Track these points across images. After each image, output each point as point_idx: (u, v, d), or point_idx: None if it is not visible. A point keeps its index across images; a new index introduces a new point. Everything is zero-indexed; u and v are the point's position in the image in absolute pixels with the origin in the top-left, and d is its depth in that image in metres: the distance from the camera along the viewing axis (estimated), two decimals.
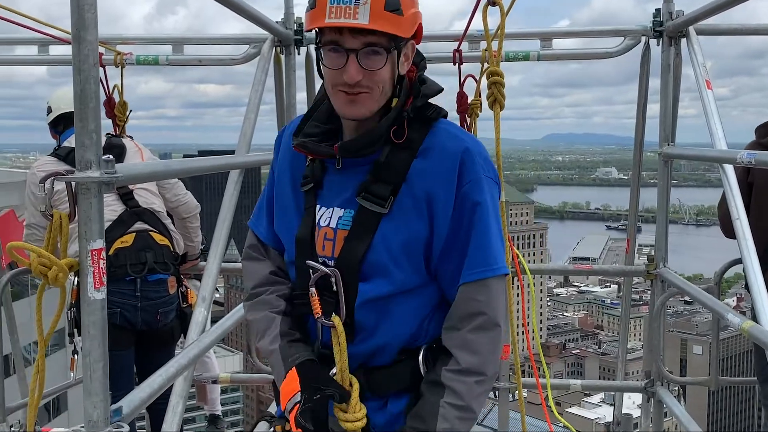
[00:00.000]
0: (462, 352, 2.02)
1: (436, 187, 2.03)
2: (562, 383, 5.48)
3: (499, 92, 3.18)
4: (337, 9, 1.92)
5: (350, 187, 2.08)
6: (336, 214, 2.09)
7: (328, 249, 2.09)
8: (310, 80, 5.40)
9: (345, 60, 1.95)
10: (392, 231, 2.03)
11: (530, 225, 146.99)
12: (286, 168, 2.22)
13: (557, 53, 4.96)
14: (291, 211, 2.19)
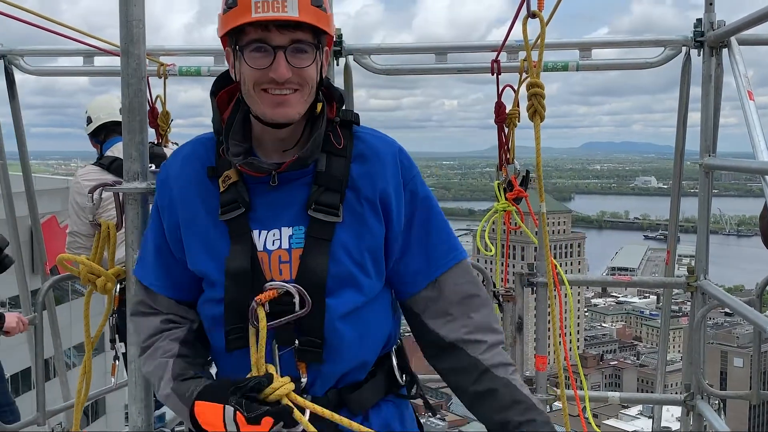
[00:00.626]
0: (482, 334, 2.01)
1: (385, 188, 1.98)
2: (600, 395, 5.44)
3: (539, 104, 3.18)
4: (264, 4, 1.81)
5: (294, 203, 1.95)
6: (284, 234, 1.94)
7: (286, 272, 1.92)
8: (349, 89, 5.45)
9: (272, 58, 1.84)
10: (351, 238, 1.94)
11: (568, 234, 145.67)
12: (191, 200, 1.99)
13: (596, 63, 4.94)
14: (216, 243, 1.95)
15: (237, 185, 1.94)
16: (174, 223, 2.00)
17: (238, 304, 1.90)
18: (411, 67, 5.38)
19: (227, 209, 1.93)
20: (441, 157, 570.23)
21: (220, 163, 1.97)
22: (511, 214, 4.57)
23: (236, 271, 1.91)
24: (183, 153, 2.05)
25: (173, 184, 2.00)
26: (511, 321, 4.59)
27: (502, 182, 4.55)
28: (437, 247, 2.04)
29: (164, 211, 2.02)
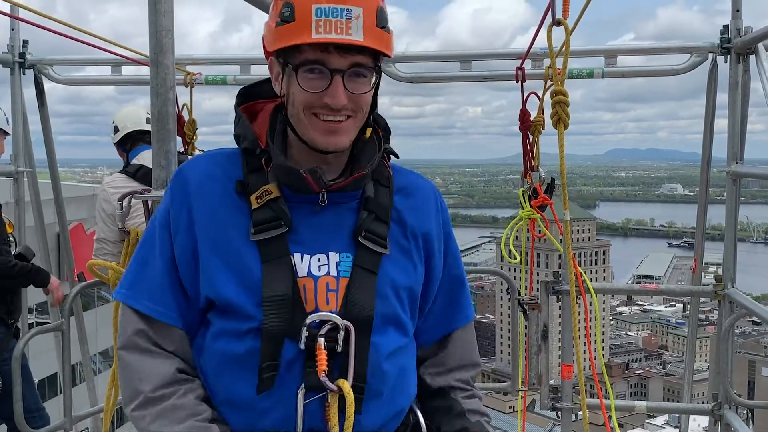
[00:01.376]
0: (468, 384, 2.00)
1: (429, 226, 1.89)
2: (626, 404, 5.41)
3: (563, 111, 3.18)
4: (326, 23, 1.63)
5: (342, 228, 1.77)
6: (332, 259, 1.75)
7: (333, 301, 1.72)
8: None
9: (328, 81, 1.66)
10: (398, 273, 1.80)
11: (592, 242, 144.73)
12: (218, 216, 1.74)
13: (622, 70, 4.93)
14: (246, 266, 1.71)
15: (278, 202, 1.73)
16: (189, 242, 1.74)
17: (276, 336, 1.67)
18: (435, 74, 5.40)
19: (263, 227, 1.71)
20: (464, 164, 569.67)
21: (250, 179, 1.76)
22: (536, 221, 4.55)
23: (277, 297, 1.68)
24: (202, 165, 1.82)
25: (193, 199, 1.75)
26: (536, 329, 4.58)
27: (527, 190, 4.54)
28: (460, 302, 1.98)
29: (178, 228, 1.75)
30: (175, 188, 1.79)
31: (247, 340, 1.68)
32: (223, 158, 1.82)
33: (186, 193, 1.76)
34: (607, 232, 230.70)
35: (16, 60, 5.63)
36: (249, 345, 1.68)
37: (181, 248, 1.74)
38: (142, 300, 1.75)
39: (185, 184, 1.77)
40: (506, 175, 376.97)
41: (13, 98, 5.73)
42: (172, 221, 1.75)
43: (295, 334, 1.67)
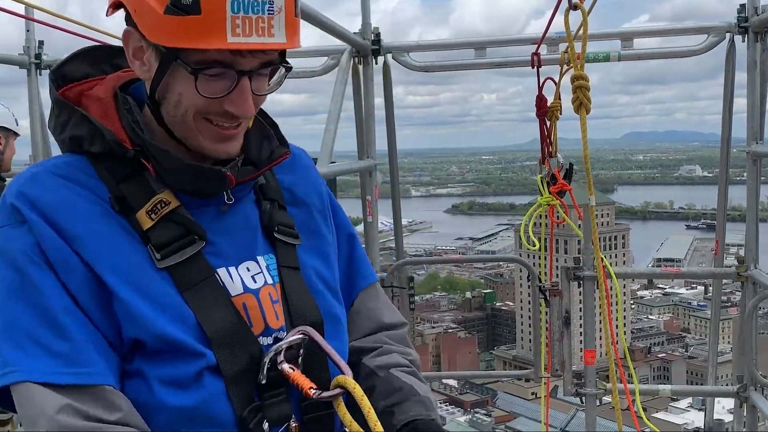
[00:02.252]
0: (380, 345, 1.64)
1: (321, 195, 1.65)
2: (651, 388, 5.40)
3: (584, 96, 3.16)
4: (244, 21, 1.26)
5: (252, 225, 1.48)
6: (262, 264, 1.46)
7: (280, 315, 1.44)
8: (388, 89, 5.47)
9: (233, 85, 1.32)
10: (317, 262, 1.55)
11: (611, 226, 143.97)
12: (109, 239, 1.33)
13: (639, 53, 4.91)
14: (168, 296, 1.33)
15: (177, 212, 1.37)
16: (86, 276, 1.30)
17: (243, 375, 1.35)
18: (450, 63, 5.39)
19: (171, 249, 1.34)
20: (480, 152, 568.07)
21: (126, 191, 1.36)
22: (555, 207, 4.54)
23: (226, 330, 1.34)
24: (50, 182, 1.35)
25: (65, 224, 1.31)
26: (558, 315, 4.57)
27: (545, 176, 4.53)
28: (363, 261, 1.72)
29: (65, 262, 1.29)
30: (30, 217, 1.30)
31: (204, 386, 1.32)
32: (70, 170, 1.37)
33: (50, 219, 1.30)
34: (625, 216, 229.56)
35: (32, 61, 5.68)
36: (210, 391, 1.32)
37: (77, 285, 1.29)
38: (51, 367, 1.25)
39: (43, 208, 1.31)
40: (523, 162, 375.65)
41: (31, 99, 5.78)
42: (52, 256, 1.29)
43: (254, 367, 1.36)
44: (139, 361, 1.32)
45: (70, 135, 1.40)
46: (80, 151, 1.40)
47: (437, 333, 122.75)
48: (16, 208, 1.31)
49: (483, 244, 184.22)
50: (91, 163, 1.39)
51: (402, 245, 6.21)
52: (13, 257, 1.30)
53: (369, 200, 5.45)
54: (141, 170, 1.38)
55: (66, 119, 1.42)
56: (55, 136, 1.45)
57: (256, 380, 1.36)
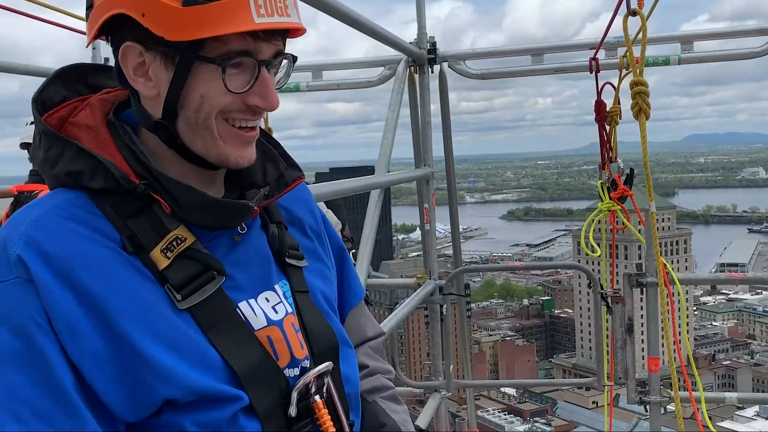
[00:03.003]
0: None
1: (314, 213, 1.58)
2: (716, 396, 5.28)
3: (644, 102, 3.13)
4: (266, 1, 1.22)
5: (263, 252, 1.39)
6: (279, 293, 1.38)
7: (303, 344, 1.37)
8: (444, 98, 5.48)
9: (254, 77, 1.26)
10: (321, 283, 1.48)
11: (672, 231, 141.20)
12: (127, 287, 1.20)
13: (699, 56, 4.82)
14: (194, 342, 1.23)
15: (193, 248, 1.27)
16: (107, 338, 1.17)
17: (274, 411, 1.29)
18: (506, 70, 5.38)
19: (191, 288, 1.25)
20: (536, 157, 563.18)
21: (136, 229, 1.25)
22: (616, 213, 4.49)
23: (255, 366, 1.27)
24: (58, 226, 1.21)
25: (80, 275, 1.17)
26: (621, 323, 4.51)
27: (606, 181, 4.49)
28: (348, 277, 1.65)
29: (75, 326, 1.16)
30: (38, 272, 1.15)
31: (240, 427, 1.24)
32: (75, 210, 1.24)
33: (62, 272, 1.17)
34: (687, 221, 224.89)
35: None
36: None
37: (82, 352, 1.15)
38: None
39: (52, 261, 1.17)
40: (580, 166, 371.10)
41: None
42: (57, 320, 1.15)
43: (285, 402, 1.30)
44: (171, 415, 1.21)
45: (65, 170, 1.26)
46: (76, 186, 1.26)
47: (494, 341, 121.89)
48: (23, 262, 1.16)
49: (540, 251, 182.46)
50: (92, 199, 1.25)
51: (460, 252, 6.20)
52: (15, 321, 1.15)
53: (426, 208, 5.47)
54: (149, 205, 1.26)
55: (58, 153, 1.27)
56: (44, 169, 1.30)
57: (285, 414, 1.29)
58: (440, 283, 5.38)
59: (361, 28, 3.93)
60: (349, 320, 1.62)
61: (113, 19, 1.24)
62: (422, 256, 5.76)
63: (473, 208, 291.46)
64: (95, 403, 1.17)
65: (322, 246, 1.55)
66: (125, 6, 1.22)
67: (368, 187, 4.29)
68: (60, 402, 1.13)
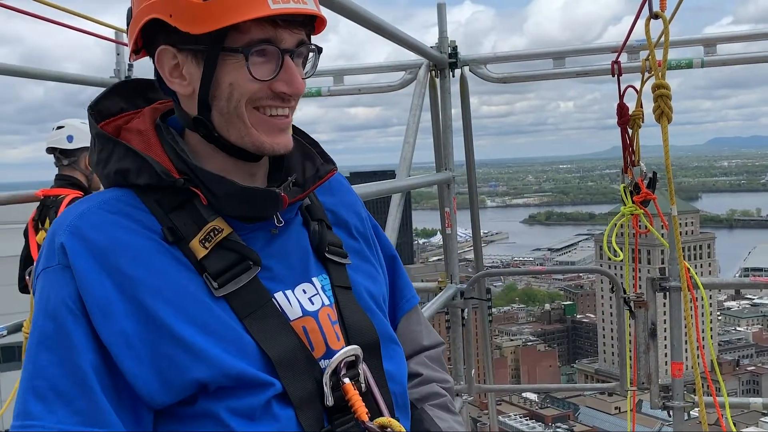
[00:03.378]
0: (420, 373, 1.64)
1: (362, 216, 1.62)
2: (741, 402, 5.22)
3: (666, 105, 3.11)
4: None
5: (303, 246, 1.44)
6: (317, 286, 1.41)
7: (340, 336, 1.39)
8: (465, 102, 5.48)
9: (279, 65, 1.32)
10: (367, 281, 1.51)
11: (696, 235, 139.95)
12: (165, 274, 1.28)
13: (723, 59, 4.79)
14: (230, 328, 1.28)
15: (231, 239, 1.33)
16: (141, 321, 1.24)
17: (310, 400, 1.31)
18: (528, 73, 5.37)
19: (228, 277, 1.30)
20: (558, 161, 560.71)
21: (176, 221, 1.33)
22: (639, 217, 4.47)
23: (289, 353, 1.31)
24: (101, 218, 1.31)
25: (119, 262, 1.26)
26: (644, 327, 4.49)
27: (628, 185, 4.47)
28: (401, 284, 1.68)
29: (108, 309, 1.24)
30: (77, 257, 1.25)
31: (274, 414, 1.27)
32: (119, 204, 1.33)
33: (100, 258, 1.25)
34: (710, 225, 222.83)
35: None
36: (281, 419, 1.28)
37: (114, 334, 1.23)
38: (69, 425, 1.20)
39: (93, 248, 1.26)
40: (602, 170, 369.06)
41: None
42: (90, 304, 1.23)
43: (319, 391, 1.32)
44: (204, 401, 1.26)
45: (114, 169, 1.36)
46: (125, 184, 1.36)
47: (516, 345, 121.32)
48: (64, 250, 1.26)
49: (562, 255, 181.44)
50: (139, 195, 1.34)
51: (481, 257, 6.19)
52: (51, 306, 1.25)
53: (447, 212, 5.47)
54: (190, 199, 1.34)
55: (108, 153, 1.37)
56: (98, 171, 1.40)
57: (323, 404, 1.31)
58: (461, 287, 5.37)
59: (383, 32, 3.94)
60: (401, 326, 1.64)
61: (148, 27, 1.34)
62: (443, 260, 5.76)
63: (494, 212, 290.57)
64: (120, 387, 1.23)
65: (369, 248, 1.58)
66: (155, 10, 1.31)
67: (389, 191, 4.30)
68: (77, 383, 1.20)
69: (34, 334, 1.25)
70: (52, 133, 4.77)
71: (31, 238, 4.61)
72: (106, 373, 1.23)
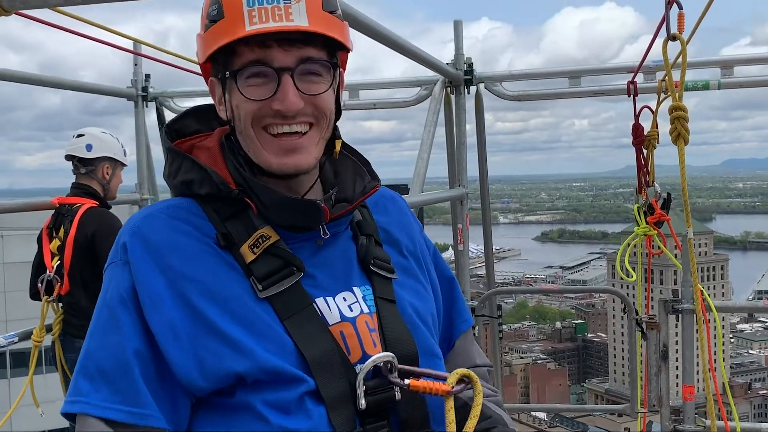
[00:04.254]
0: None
1: (415, 237, 1.68)
2: (753, 427, 5.18)
3: (683, 127, 3.10)
4: (260, 12, 1.36)
5: (349, 258, 1.52)
6: (358, 295, 1.48)
7: (378, 343, 1.44)
8: (480, 119, 5.49)
9: (276, 84, 1.39)
10: (413, 298, 1.56)
11: (709, 257, 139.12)
12: (214, 273, 1.40)
13: (740, 81, 4.78)
14: (270, 327, 1.37)
15: (278, 246, 1.42)
16: (186, 313, 1.36)
17: (342, 401, 1.36)
18: (543, 92, 5.37)
19: (272, 280, 1.39)
20: (571, 179, 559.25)
21: (231, 228, 1.44)
22: (653, 238, 4.45)
23: (325, 354, 1.38)
24: (161, 222, 1.44)
25: (171, 260, 1.39)
26: (656, 349, 4.45)
27: (642, 206, 4.45)
28: (458, 305, 1.73)
29: (158, 300, 1.36)
30: (136, 254, 1.39)
31: (307, 410, 1.34)
32: (180, 211, 1.46)
33: (156, 256, 1.39)
34: (724, 246, 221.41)
35: (139, 93, 5.96)
36: (313, 415, 1.34)
37: (162, 323, 1.35)
38: (110, 403, 1.32)
39: (150, 247, 1.40)
40: (615, 189, 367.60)
41: (138, 129, 6.06)
42: (143, 295, 1.36)
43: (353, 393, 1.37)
44: (242, 393, 1.35)
45: (181, 180, 1.50)
46: (190, 194, 1.49)
47: (526, 363, 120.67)
48: (125, 247, 1.41)
49: (574, 273, 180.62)
50: (200, 204, 1.47)
51: (493, 274, 6.18)
52: (109, 296, 1.41)
53: (460, 228, 5.46)
54: (245, 209, 1.46)
55: (178, 167, 1.51)
56: (169, 182, 1.55)
57: (356, 407, 1.36)
58: (472, 305, 5.36)
59: (399, 48, 3.95)
60: (459, 345, 1.71)
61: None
62: None
63: (507, 229, 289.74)
64: (162, 373, 1.35)
65: (419, 268, 1.64)
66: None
67: None
68: (120, 366, 1.33)
69: (94, 320, 1.41)
70: (72, 140, 4.81)
71: (45, 246, 4.63)
72: (150, 360, 1.35)
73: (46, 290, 4.51)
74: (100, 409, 1.32)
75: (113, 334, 1.36)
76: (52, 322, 4.57)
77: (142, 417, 1.33)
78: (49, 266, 4.54)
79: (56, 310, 4.58)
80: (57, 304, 4.57)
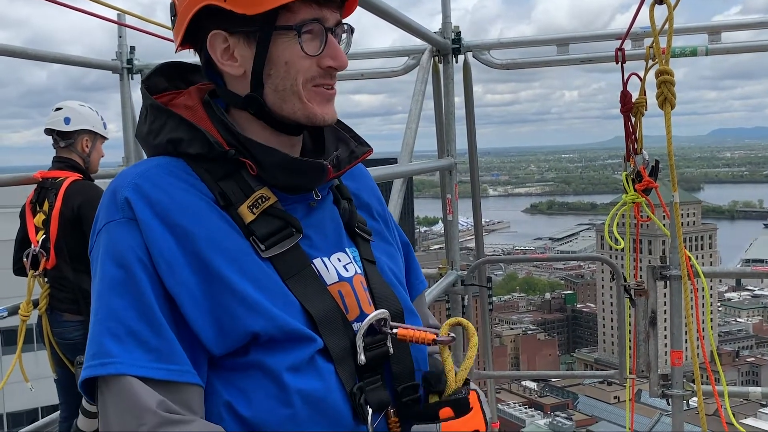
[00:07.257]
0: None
1: (380, 201, 1.73)
2: (740, 391, 5.23)
3: (669, 91, 3.09)
4: None
5: (336, 221, 1.55)
6: (351, 255, 1.53)
7: (370, 301, 1.50)
8: (468, 87, 5.46)
9: (324, 42, 1.43)
10: (388, 260, 1.62)
11: (697, 226, 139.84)
12: (222, 231, 1.38)
13: (727, 47, 4.76)
14: (278, 286, 1.39)
15: (275, 207, 1.43)
16: (201, 271, 1.34)
17: (346, 358, 1.41)
18: (531, 60, 5.34)
19: (273, 240, 1.41)
20: (560, 150, 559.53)
21: (227, 188, 1.42)
22: (641, 205, 4.45)
23: (329, 314, 1.42)
24: (160, 178, 1.40)
25: (178, 217, 1.36)
26: (644, 316, 4.48)
27: (630, 173, 4.45)
28: (414, 268, 1.79)
29: (172, 259, 1.33)
30: (143, 212, 1.34)
31: (318, 369, 1.37)
32: (175, 169, 1.42)
33: (162, 214, 1.35)
34: (712, 216, 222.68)
35: (124, 66, 5.89)
36: (324, 373, 1.37)
37: (177, 284, 1.33)
38: (147, 362, 1.29)
39: (154, 204, 1.35)
40: (604, 160, 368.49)
41: (123, 102, 6.00)
42: (156, 254, 1.33)
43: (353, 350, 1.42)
44: (256, 353, 1.35)
45: (167, 138, 1.44)
46: (175, 153, 1.44)
47: (516, 334, 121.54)
48: (129, 204, 1.35)
49: (563, 245, 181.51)
50: (189, 165, 1.43)
51: (482, 245, 6.19)
52: (119, 254, 1.33)
53: (449, 198, 5.46)
54: (237, 170, 1.44)
55: (162, 124, 1.45)
56: (148, 140, 1.47)
57: (355, 363, 1.41)
58: (462, 274, 5.37)
59: (386, 16, 3.92)
60: (415, 305, 1.72)
61: (196, 17, 1.43)
62: (444, 248, 5.75)
63: (496, 202, 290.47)
64: (182, 334, 1.32)
65: (388, 230, 1.70)
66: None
67: (391, 176, 4.29)
68: (151, 324, 1.30)
69: (104, 280, 1.34)
70: (51, 114, 4.76)
71: (29, 220, 4.60)
72: (171, 320, 1.32)
73: (31, 265, 4.49)
74: (138, 368, 1.27)
75: (135, 293, 1.31)
76: (39, 297, 4.55)
77: (180, 374, 1.30)
78: (34, 241, 4.51)
79: (42, 285, 4.56)
80: (43, 279, 4.55)
